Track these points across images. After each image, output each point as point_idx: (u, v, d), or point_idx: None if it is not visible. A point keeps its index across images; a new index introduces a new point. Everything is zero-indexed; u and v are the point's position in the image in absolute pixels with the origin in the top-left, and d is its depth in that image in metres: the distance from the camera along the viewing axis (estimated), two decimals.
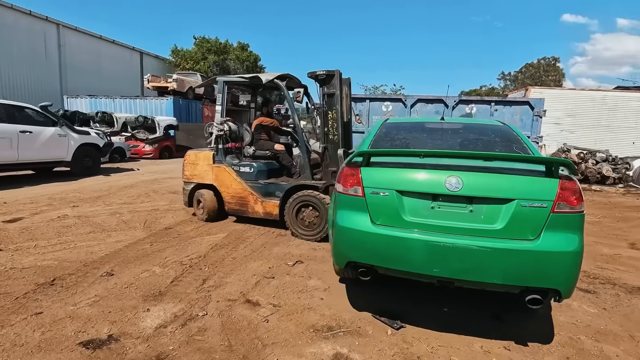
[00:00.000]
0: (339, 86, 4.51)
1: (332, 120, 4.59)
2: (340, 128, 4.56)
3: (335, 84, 4.50)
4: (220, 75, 5.28)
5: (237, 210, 5.12)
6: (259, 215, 4.97)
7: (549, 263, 2.08)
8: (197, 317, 2.62)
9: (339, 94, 4.50)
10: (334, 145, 4.61)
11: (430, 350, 2.37)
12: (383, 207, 2.32)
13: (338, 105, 4.51)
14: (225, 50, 37.30)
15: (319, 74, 4.56)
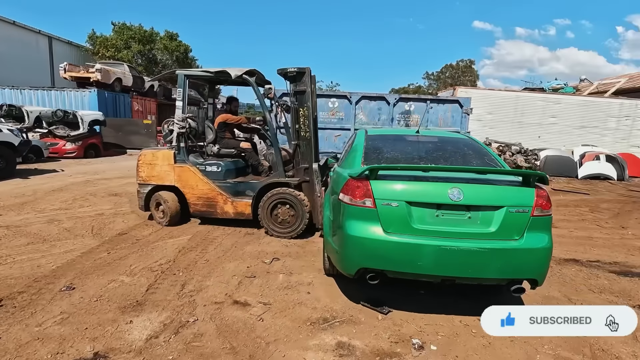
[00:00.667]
0: (309, 83, 4.51)
1: (303, 117, 4.57)
2: (311, 125, 4.58)
3: (306, 81, 4.49)
4: (181, 69, 4.93)
5: (204, 211, 4.85)
6: (229, 216, 4.79)
7: (530, 258, 2.47)
8: (188, 324, 2.52)
9: (309, 90, 4.50)
10: (305, 142, 4.61)
11: (419, 329, 2.60)
12: (394, 217, 2.49)
13: (309, 102, 4.51)
14: (151, 39, 34.49)
15: (289, 71, 4.52)
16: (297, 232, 4.53)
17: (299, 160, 4.69)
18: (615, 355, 2.38)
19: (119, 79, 16.67)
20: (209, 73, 4.97)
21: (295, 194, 4.52)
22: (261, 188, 4.66)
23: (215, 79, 5.39)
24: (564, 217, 6.57)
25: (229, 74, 4.66)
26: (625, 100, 14.47)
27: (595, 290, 3.40)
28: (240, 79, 4.73)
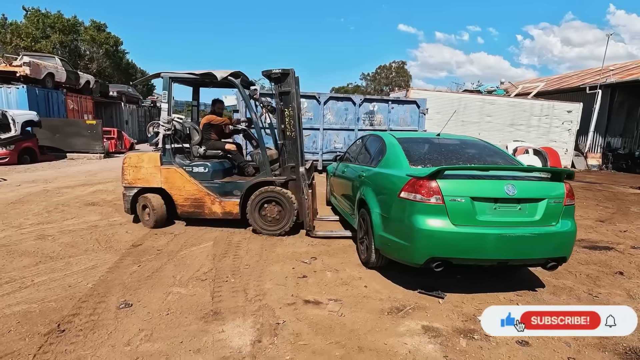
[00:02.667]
0: (294, 84, 4.64)
1: (289, 117, 4.70)
2: (297, 125, 4.73)
3: (290, 82, 4.63)
4: (166, 71, 4.77)
5: (192, 212, 4.88)
6: (217, 216, 4.85)
7: (564, 239, 3.00)
8: (280, 325, 2.58)
9: (294, 91, 4.62)
10: (291, 142, 4.74)
11: (476, 308, 2.97)
12: (460, 211, 2.84)
13: (294, 102, 4.63)
14: (74, 29, 30.94)
15: (274, 72, 4.64)
16: (285, 229, 4.68)
17: (286, 160, 4.83)
18: None
19: (51, 73, 14.78)
20: (194, 75, 4.92)
21: (283, 192, 4.68)
22: (249, 187, 4.78)
23: (200, 81, 5.34)
24: None
25: (214, 75, 4.70)
26: (544, 102, 16.85)
27: (582, 262, 4.13)
28: (226, 80, 4.76)
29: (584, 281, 3.59)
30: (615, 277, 3.74)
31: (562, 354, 2.38)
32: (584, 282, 3.56)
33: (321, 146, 11.64)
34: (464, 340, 2.50)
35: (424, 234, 2.86)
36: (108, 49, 32.16)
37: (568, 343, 2.51)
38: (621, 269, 3.96)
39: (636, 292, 3.38)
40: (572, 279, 3.65)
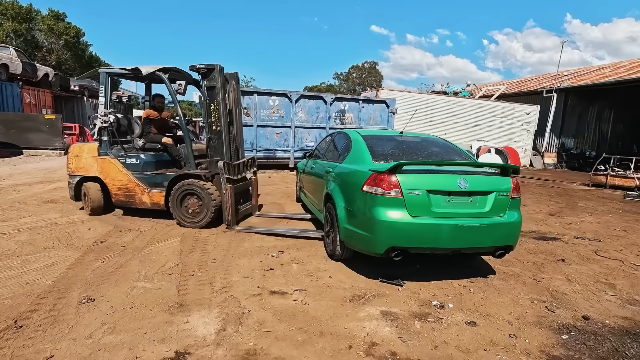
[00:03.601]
0: (220, 79, 4.69)
1: (214, 112, 4.78)
2: (222, 120, 4.77)
3: (216, 77, 4.69)
4: (104, 67, 5.02)
5: (124, 202, 5.11)
6: (147, 206, 5.02)
7: (510, 229, 3.26)
8: (245, 315, 2.66)
9: (220, 86, 4.69)
10: (217, 136, 4.84)
11: (432, 294, 3.19)
12: (417, 203, 3.04)
13: (219, 97, 4.70)
14: (29, 17, 29.09)
15: (199, 67, 4.75)
16: (202, 223, 4.78)
17: (212, 154, 4.91)
18: (563, 292, 3.32)
19: (5, 64, 13.87)
20: (125, 70, 5.08)
21: (201, 185, 4.74)
22: (172, 180, 4.87)
23: (131, 76, 5.46)
24: None
25: (140, 71, 4.82)
26: (505, 104, 17.79)
27: (531, 251, 4.49)
28: (153, 75, 4.85)
29: (530, 268, 3.92)
30: (558, 264, 4.10)
31: (504, 332, 2.61)
32: (530, 269, 3.88)
33: (293, 144, 11.71)
34: (418, 322, 2.69)
35: (383, 225, 3.03)
36: (68, 40, 30.51)
37: (510, 322, 2.76)
38: (564, 256, 4.34)
39: (574, 276, 3.73)
40: (520, 266, 3.97)
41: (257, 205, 5.83)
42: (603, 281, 3.64)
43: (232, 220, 4.74)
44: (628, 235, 5.52)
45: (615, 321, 2.84)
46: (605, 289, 3.45)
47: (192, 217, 4.80)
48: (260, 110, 11.28)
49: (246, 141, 11.27)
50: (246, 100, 11.10)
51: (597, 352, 2.41)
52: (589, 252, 4.60)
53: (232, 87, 5.03)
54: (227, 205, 4.68)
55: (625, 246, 4.91)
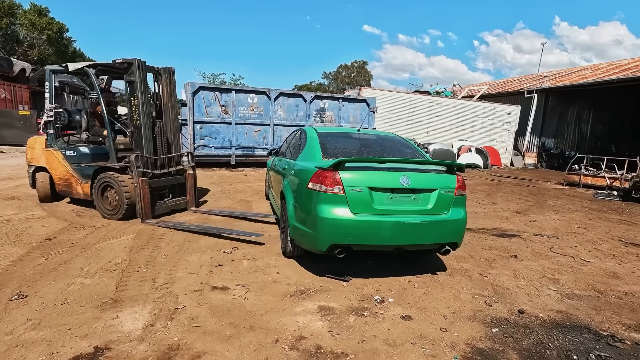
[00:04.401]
0: (139, 73, 4.76)
1: (134, 106, 4.84)
2: (142, 114, 4.83)
3: (135, 72, 4.76)
4: (51, 65, 5.29)
5: (65, 191, 5.47)
6: (81, 197, 5.28)
7: (454, 226, 3.27)
8: (178, 310, 2.64)
9: (139, 81, 4.77)
10: (137, 130, 4.91)
11: (376, 289, 3.21)
12: (359, 200, 3.03)
13: (138, 91, 4.77)
14: (10, 11, 28.44)
15: (118, 62, 4.83)
16: (118, 215, 4.87)
17: (134, 148, 4.99)
18: (506, 287, 3.38)
19: None
20: (61, 67, 5.17)
21: (115, 177, 4.83)
22: (95, 172, 5.03)
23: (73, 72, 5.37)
24: None
25: (67, 67, 4.98)
26: (487, 104, 18.00)
27: (486, 248, 4.55)
28: (80, 71, 4.97)
29: (481, 264, 3.97)
30: (510, 260, 4.17)
31: (436, 325, 2.65)
32: (480, 265, 3.94)
33: (272, 142, 11.67)
34: (353, 317, 2.70)
35: (326, 223, 3.03)
36: (51, 35, 29.91)
37: (445, 316, 2.79)
38: (517, 253, 4.42)
39: (521, 272, 3.79)
40: (472, 262, 4.02)
41: (198, 201, 5.86)
42: (549, 276, 3.72)
43: (143, 213, 4.78)
44: (587, 232, 5.63)
45: (549, 315, 2.90)
46: (549, 284, 3.51)
47: (111, 210, 4.93)
48: (238, 107, 11.21)
49: (224, 139, 11.23)
50: (224, 98, 11.03)
51: (521, 344, 2.46)
52: (544, 248, 4.68)
53: (165, 82, 5.16)
54: (139, 198, 4.75)
55: (581, 243, 5.02)
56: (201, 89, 10.72)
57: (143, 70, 4.81)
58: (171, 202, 5.35)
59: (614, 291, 3.43)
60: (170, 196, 5.38)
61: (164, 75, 5.16)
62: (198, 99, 10.71)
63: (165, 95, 5.21)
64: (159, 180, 5.09)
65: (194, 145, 10.80)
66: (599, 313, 2.98)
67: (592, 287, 3.51)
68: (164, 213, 5.19)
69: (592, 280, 3.68)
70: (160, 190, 5.19)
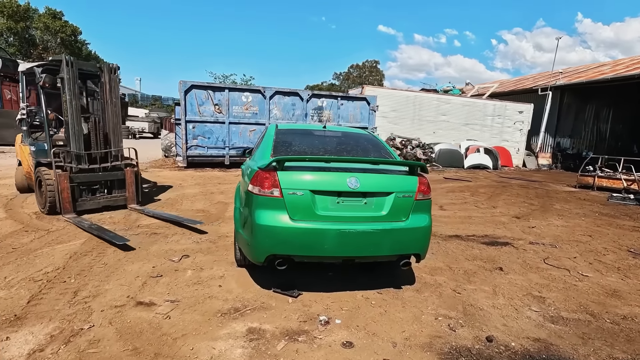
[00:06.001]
0: (67, 70, 4.75)
1: (64, 102, 4.87)
2: (70, 110, 4.84)
3: (63, 69, 4.77)
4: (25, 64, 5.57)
5: (30, 184, 5.77)
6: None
7: (414, 235, 2.83)
8: (83, 331, 2.31)
9: (67, 77, 4.76)
10: (66, 126, 4.98)
11: (326, 307, 2.81)
12: (299, 205, 2.63)
13: (66, 88, 4.79)
14: (26, 15, 29.22)
15: (49, 60, 5.07)
16: (45, 209, 4.91)
17: (67, 143, 5.04)
18: (479, 307, 2.92)
19: None
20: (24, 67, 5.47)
21: (42, 172, 4.96)
22: (35, 166, 5.22)
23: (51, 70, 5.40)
24: (451, 201, 7.62)
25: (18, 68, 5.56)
26: (497, 102, 17.22)
27: (470, 258, 4.07)
28: (30, 70, 5.18)
29: (458, 277, 3.51)
30: (493, 272, 3.68)
31: (380, 356, 2.22)
32: (457, 279, 3.47)
33: None
34: (284, 343, 2.31)
35: (262, 230, 2.66)
36: (64, 38, 30.57)
37: (395, 343, 2.37)
38: (504, 264, 3.92)
39: (503, 288, 3.31)
40: (448, 275, 3.56)
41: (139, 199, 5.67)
42: (534, 294, 3.22)
43: (61, 207, 4.81)
44: (591, 241, 5.06)
45: (523, 344, 2.43)
46: (532, 304, 3.03)
47: (43, 204, 4.99)
48: (232, 106, 10.95)
49: (218, 139, 10.99)
50: (217, 97, 10.79)
51: None
52: (537, 259, 4.17)
53: (105, 79, 5.21)
54: (55, 192, 4.79)
55: (581, 253, 4.46)
56: (193, 88, 10.50)
57: (73, 67, 4.81)
58: (103, 198, 5.31)
59: (610, 314, 2.92)
60: (104, 192, 5.35)
61: (105, 72, 5.18)
62: (190, 98, 10.50)
63: (106, 92, 5.24)
64: (86, 175, 5.10)
65: (186, 145, 10.60)
66: (586, 343, 2.49)
67: (584, 308, 3.01)
68: (93, 209, 5.16)
69: (585, 299, 3.17)
70: (91, 185, 5.21)
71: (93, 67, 5.26)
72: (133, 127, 24.95)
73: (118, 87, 5.44)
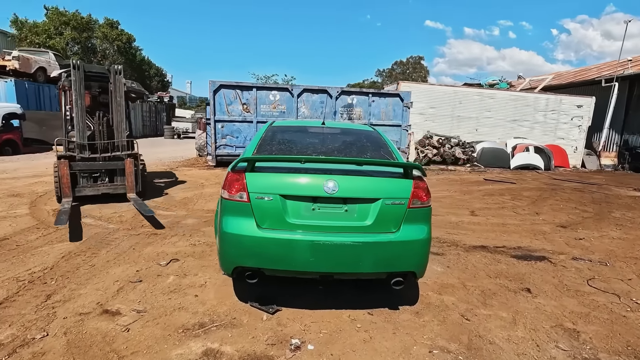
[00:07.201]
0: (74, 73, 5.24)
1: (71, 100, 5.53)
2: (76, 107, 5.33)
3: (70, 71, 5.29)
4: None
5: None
6: None
7: (406, 251, 2.39)
8: (34, 341, 2.18)
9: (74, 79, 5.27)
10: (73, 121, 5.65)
11: (304, 327, 2.46)
12: (268, 212, 2.32)
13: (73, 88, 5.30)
14: (88, 26, 31.88)
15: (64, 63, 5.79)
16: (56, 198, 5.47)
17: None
18: (489, 340, 2.40)
19: (43, 68, 15.07)
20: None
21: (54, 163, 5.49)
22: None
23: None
24: (486, 205, 6.85)
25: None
26: (551, 96, 15.58)
27: (492, 275, 3.48)
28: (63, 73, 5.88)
29: (472, 299, 2.97)
30: (518, 295, 3.09)
31: None
32: (469, 300, 2.94)
33: None
34: None
35: (227, 239, 2.37)
36: (120, 45, 32.91)
37: None
38: (534, 285, 3.30)
39: (526, 315, 2.73)
40: (460, 294, 3.04)
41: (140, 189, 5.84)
42: (567, 326, 2.62)
43: (61, 192, 5.22)
44: None
45: None
46: (561, 339, 2.44)
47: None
48: (260, 105, 10.89)
49: (246, 138, 10.98)
50: (245, 96, 10.79)
51: None
52: (578, 280, 3.47)
53: (111, 79, 5.65)
54: (57, 179, 5.26)
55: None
56: (222, 87, 10.58)
57: (79, 70, 5.31)
58: (104, 185, 5.64)
59: None
60: (105, 180, 5.66)
61: (111, 74, 5.65)
62: (219, 98, 10.60)
63: (112, 91, 5.68)
64: (86, 164, 5.48)
65: (215, 144, 10.73)
66: None
67: (631, 349, 2.37)
68: (92, 195, 5.53)
69: (635, 337, 2.51)
70: (92, 173, 5.56)
71: (102, 70, 5.81)
72: (178, 127, 26.14)
73: (122, 86, 5.77)
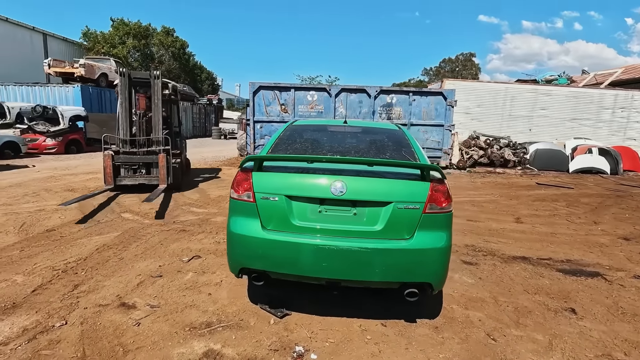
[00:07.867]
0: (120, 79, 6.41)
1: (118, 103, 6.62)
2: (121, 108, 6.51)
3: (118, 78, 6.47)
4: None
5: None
6: None
7: (421, 260, 2.18)
8: (53, 329, 2.30)
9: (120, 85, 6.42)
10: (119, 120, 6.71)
11: (311, 334, 2.35)
12: (273, 213, 2.26)
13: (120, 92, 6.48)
14: (147, 34, 34.41)
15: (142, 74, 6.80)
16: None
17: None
18: None
19: (105, 74, 16.51)
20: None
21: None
22: None
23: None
24: (535, 212, 6.24)
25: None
26: (620, 92, 13.96)
27: (531, 290, 3.12)
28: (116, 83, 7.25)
29: (503, 316, 2.67)
30: (558, 315, 2.72)
31: None
32: (500, 318, 2.64)
33: None
34: None
35: (233, 239, 2.34)
36: (174, 51, 35.09)
37: None
38: (581, 304, 2.89)
39: (566, 340, 2.38)
40: (490, 310, 2.75)
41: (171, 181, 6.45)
42: (617, 356, 2.24)
43: (105, 180, 6.14)
44: None
45: None
46: None
47: None
48: (297, 106, 10.95)
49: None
50: (283, 97, 10.91)
51: None
52: (637, 301, 2.99)
53: (152, 83, 6.41)
54: (103, 169, 6.24)
55: None
56: (261, 89, 10.79)
57: (125, 77, 6.30)
58: (141, 176, 6.44)
59: None
60: (143, 172, 6.47)
61: (152, 78, 6.39)
62: (258, 99, 10.82)
63: (153, 94, 6.47)
64: (124, 157, 6.31)
65: (254, 144, 10.96)
66: None
67: None
68: (131, 184, 6.35)
69: None
70: (132, 165, 6.40)
71: (145, 75, 6.42)
72: (224, 128, 27.27)
73: (160, 89, 6.52)
